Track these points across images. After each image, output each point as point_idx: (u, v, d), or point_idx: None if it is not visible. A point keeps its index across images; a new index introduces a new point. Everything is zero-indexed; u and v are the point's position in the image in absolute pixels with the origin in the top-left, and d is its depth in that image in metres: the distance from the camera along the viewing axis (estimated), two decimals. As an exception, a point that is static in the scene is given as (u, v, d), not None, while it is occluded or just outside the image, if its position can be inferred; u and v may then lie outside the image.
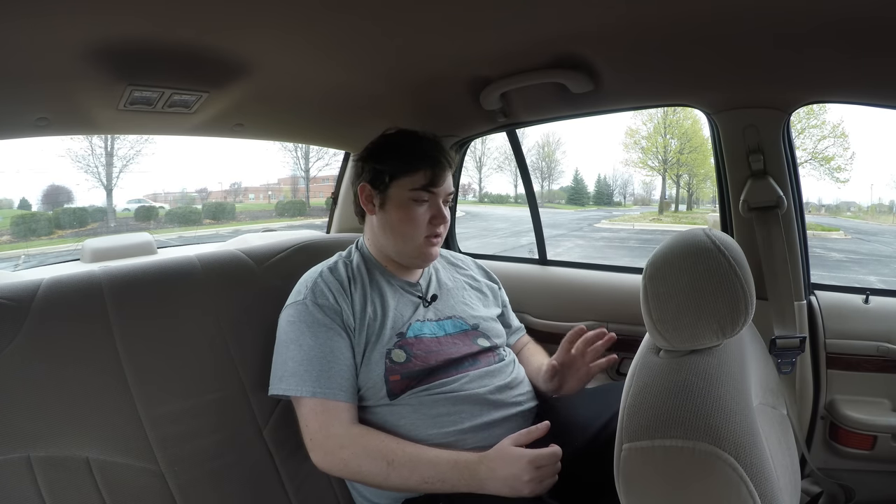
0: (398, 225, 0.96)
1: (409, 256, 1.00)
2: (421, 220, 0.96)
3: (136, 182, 29.16)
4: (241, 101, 1.08)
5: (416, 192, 0.95)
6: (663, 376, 0.59)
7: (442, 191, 0.97)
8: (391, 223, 0.97)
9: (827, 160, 12.17)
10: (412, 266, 1.02)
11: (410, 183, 0.95)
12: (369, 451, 0.83)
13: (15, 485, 0.75)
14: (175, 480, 0.86)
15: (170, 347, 0.92)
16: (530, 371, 1.07)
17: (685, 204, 16.14)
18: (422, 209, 0.96)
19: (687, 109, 1.84)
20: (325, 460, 0.85)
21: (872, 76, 0.92)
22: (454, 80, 1.14)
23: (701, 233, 0.63)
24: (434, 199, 0.97)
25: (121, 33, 0.75)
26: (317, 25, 0.81)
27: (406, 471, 0.81)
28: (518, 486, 0.78)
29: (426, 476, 0.81)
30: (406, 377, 0.90)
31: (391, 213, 0.97)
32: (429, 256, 0.99)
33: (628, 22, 0.84)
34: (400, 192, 0.95)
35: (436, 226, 0.97)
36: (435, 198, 0.97)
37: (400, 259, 1.01)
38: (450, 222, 1.01)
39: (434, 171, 0.95)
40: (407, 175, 0.95)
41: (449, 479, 0.81)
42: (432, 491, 0.82)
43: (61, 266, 2.40)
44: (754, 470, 0.48)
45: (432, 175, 0.95)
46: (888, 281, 7.31)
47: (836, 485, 1.08)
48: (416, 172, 0.95)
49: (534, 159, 18.60)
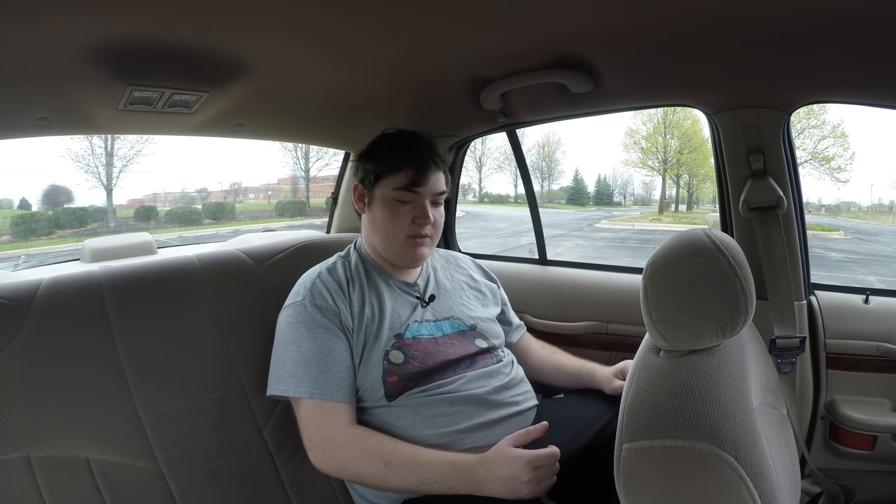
0: (382, 223, 0.97)
1: (396, 256, 1.00)
2: (403, 219, 0.96)
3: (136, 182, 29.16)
4: (241, 101, 1.08)
5: (398, 192, 0.95)
6: (663, 376, 0.59)
7: (426, 190, 0.96)
8: (376, 221, 0.98)
9: (827, 160, 12.17)
10: (402, 266, 1.02)
11: (394, 182, 0.95)
12: (367, 452, 0.83)
13: (15, 485, 0.75)
14: (175, 480, 0.86)
15: (170, 347, 0.92)
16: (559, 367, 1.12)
17: (685, 204, 16.13)
18: (405, 208, 0.96)
19: (687, 109, 1.84)
20: (323, 461, 0.85)
21: (873, 76, 0.92)
22: (454, 80, 1.14)
23: (701, 233, 0.63)
24: (418, 199, 0.96)
25: (121, 33, 0.75)
26: (318, 25, 0.81)
27: (404, 472, 0.81)
28: (517, 488, 0.78)
29: (424, 477, 0.81)
30: (404, 378, 0.90)
31: (376, 211, 0.98)
32: (414, 257, 0.99)
33: (628, 22, 0.84)
34: (384, 190, 0.96)
35: (419, 226, 0.96)
36: (419, 198, 0.96)
37: (388, 258, 1.01)
38: (441, 222, 1.00)
39: (417, 170, 0.95)
40: (391, 174, 0.96)
41: (447, 480, 0.81)
42: (430, 492, 0.82)
43: (61, 266, 2.40)
44: (754, 470, 0.48)
45: (415, 174, 0.95)
46: (888, 281, 7.31)
47: (836, 485, 1.08)
48: (399, 172, 0.95)
49: (534, 159, 18.60)
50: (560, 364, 1.13)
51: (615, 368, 1.03)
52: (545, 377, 1.13)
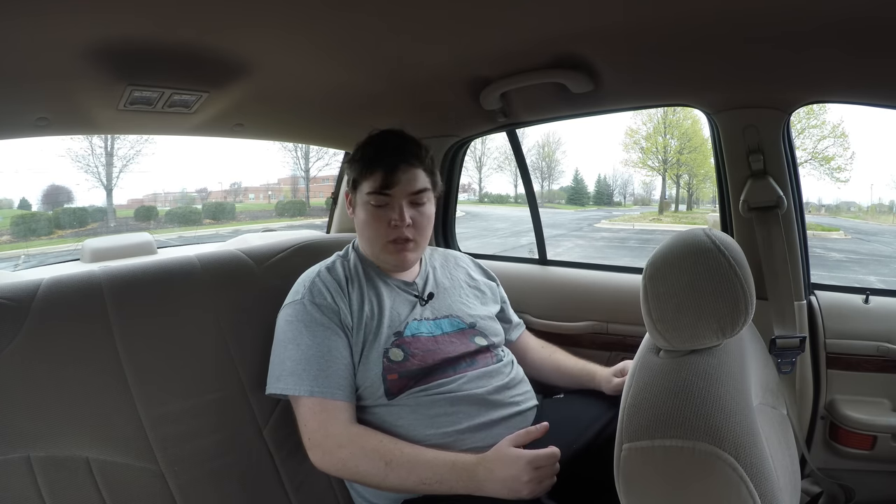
0: (363, 228, 0.98)
1: (381, 261, 1.00)
2: (381, 222, 0.95)
3: (136, 182, 29.18)
4: (241, 101, 1.08)
5: (372, 196, 0.95)
6: (663, 376, 0.59)
7: (399, 191, 0.94)
8: (359, 226, 0.99)
9: (827, 160, 12.17)
10: (389, 269, 1.02)
11: (368, 186, 0.95)
12: (367, 452, 0.83)
13: (15, 485, 0.75)
14: (175, 480, 0.86)
15: (170, 347, 0.92)
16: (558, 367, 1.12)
17: (685, 204, 16.14)
18: (381, 212, 0.95)
19: (687, 109, 1.84)
20: (323, 460, 0.85)
21: (872, 76, 0.92)
22: (454, 80, 1.14)
23: (701, 233, 0.63)
24: (392, 201, 0.94)
25: (121, 33, 0.75)
26: (318, 25, 0.81)
27: (404, 472, 0.81)
28: (517, 488, 0.78)
29: (424, 477, 0.81)
30: (404, 376, 0.90)
31: (359, 216, 0.98)
32: (397, 262, 0.98)
33: (628, 22, 0.84)
34: (362, 195, 0.97)
35: (395, 228, 0.94)
36: (392, 199, 0.94)
37: (377, 262, 1.01)
38: (424, 223, 0.97)
39: (386, 172, 0.93)
40: (365, 179, 0.96)
41: (447, 480, 0.81)
42: (430, 492, 0.82)
43: (61, 266, 2.40)
44: (754, 470, 0.48)
45: (384, 176, 0.93)
46: (888, 281, 7.31)
47: (836, 485, 1.08)
48: (370, 175, 0.95)
49: (534, 159, 18.61)
50: (559, 364, 1.13)
51: (615, 368, 1.03)
52: (544, 376, 1.13)
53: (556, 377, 1.12)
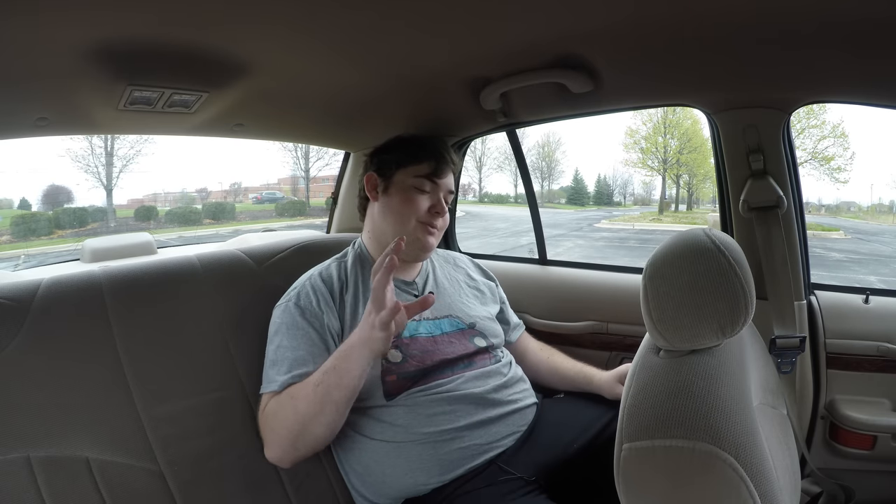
0: (398, 206, 1.00)
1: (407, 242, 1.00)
2: (420, 205, 1.00)
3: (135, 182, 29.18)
4: (241, 101, 1.08)
5: (419, 180, 1.00)
6: (663, 376, 0.59)
7: (443, 184, 1.02)
8: (392, 206, 1.01)
9: (827, 160, 12.17)
10: (409, 258, 1.02)
11: (415, 171, 1.00)
12: (290, 399, 0.84)
13: (15, 485, 0.74)
14: (175, 480, 0.86)
15: (170, 347, 0.92)
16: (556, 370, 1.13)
17: (685, 204, 16.14)
18: (422, 197, 1.00)
19: (687, 109, 1.84)
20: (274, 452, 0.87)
21: (872, 76, 0.92)
22: (454, 80, 1.14)
23: (701, 233, 0.63)
24: (435, 191, 1.02)
25: (121, 33, 0.75)
26: (318, 25, 0.81)
27: (322, 389, 0.81)
28: (371, 340, 0.78)
29: (332, 380, 0.81)
30: (402, 377, 0.90)
31: (393, 196, 1.01)
32: (424, 245, 1.01)
33: (629, 22, 0.84)
34: (404, 177, 1.01)
35: (433, 216, 1.00)
36: (436, 189, 1.02)
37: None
38: (448, 221, 1.04)
39: (438, 163, 1.01)
40: (412, 164, 1.01)
41: (336, 366, 0.81)
42: (340, 387, 0.81)
43: (61, 266, 2.40)
44: (754, 470, 0.48)
45: (436, 166, 1.01)
46: (888, 281, 7.31)
47: (836, 485, 1.08)
48: (421, 162, 1.01)
49: (534, 159, 18.61)
50: (557, 366, 1.13)
51: (617, 374, 1.03)
52: (542, 378, 1.13)
53: (554, 380, 1.12)
